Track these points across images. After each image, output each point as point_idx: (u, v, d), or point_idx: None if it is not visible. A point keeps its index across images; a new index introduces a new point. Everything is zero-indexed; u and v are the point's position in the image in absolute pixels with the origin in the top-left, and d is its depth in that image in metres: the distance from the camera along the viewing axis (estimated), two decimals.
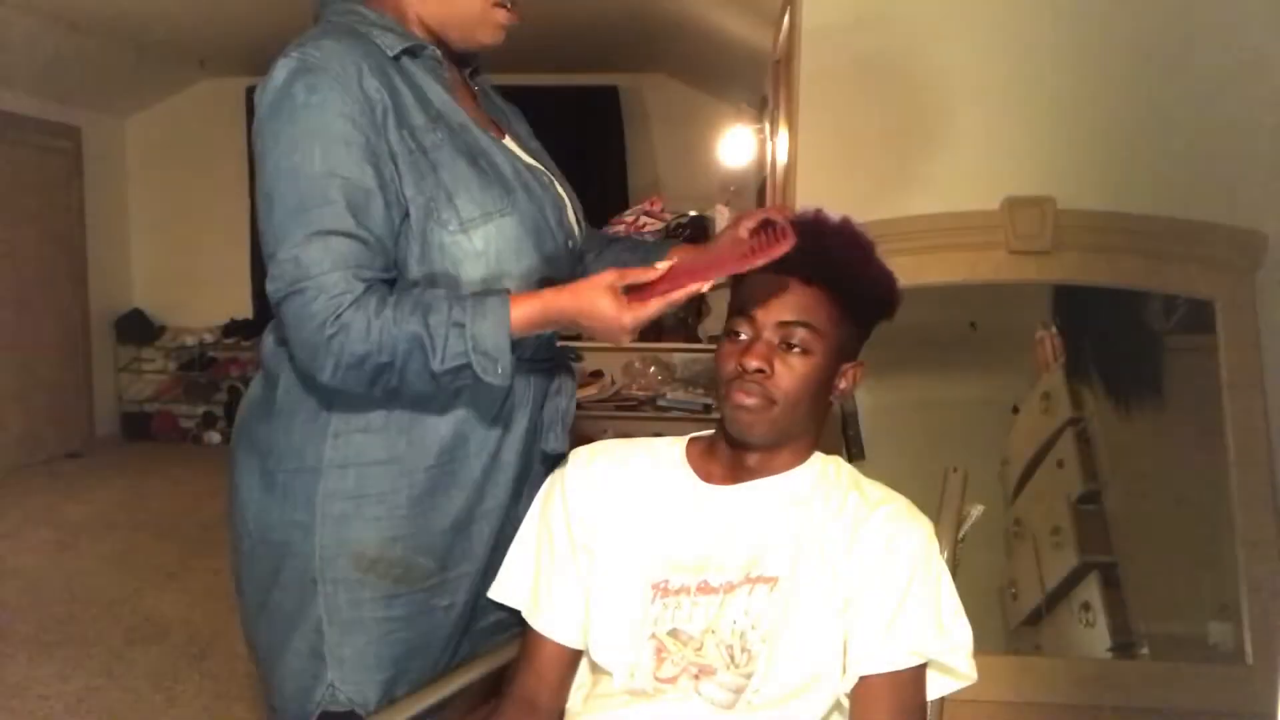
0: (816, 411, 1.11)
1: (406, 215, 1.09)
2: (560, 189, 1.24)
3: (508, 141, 1.22)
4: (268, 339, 1.19)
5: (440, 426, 1.14)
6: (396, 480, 1.13)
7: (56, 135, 5.39)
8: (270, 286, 1.04)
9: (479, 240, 1.10)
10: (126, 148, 6.00)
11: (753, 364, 1.05)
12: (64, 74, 5.02)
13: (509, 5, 1.17)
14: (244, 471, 1.18)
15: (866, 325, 1.14)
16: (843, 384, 1.12)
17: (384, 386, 1.05)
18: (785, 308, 1.07)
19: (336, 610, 1.13)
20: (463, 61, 1.24)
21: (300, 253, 1.02)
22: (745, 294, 1.10)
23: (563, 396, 1.24)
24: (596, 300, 1.04)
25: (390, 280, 1.08)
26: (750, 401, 1.06)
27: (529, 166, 1.20)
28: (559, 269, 1.20)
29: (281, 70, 1.05)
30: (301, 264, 1.02)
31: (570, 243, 1.23)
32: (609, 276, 1.05)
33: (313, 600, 1.13)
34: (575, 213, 1.27)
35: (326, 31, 1.09)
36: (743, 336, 1.09)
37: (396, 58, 1.11)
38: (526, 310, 1.05)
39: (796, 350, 1.06)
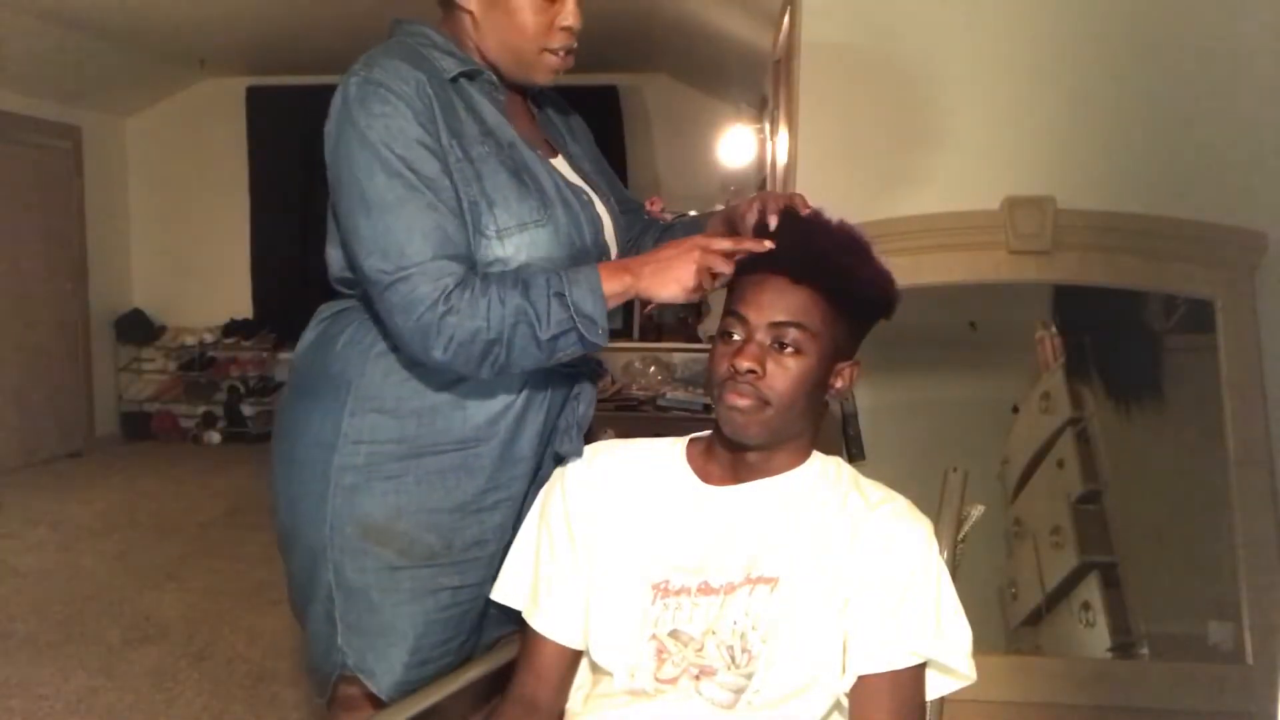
0: (812, 411, 1.11)
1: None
2: (601, 207, 1.30)
3: (558, 161, 1.29)
4: (308, 333, 1.28)
5: (454, 417, 1.20)
6: (405, 461, 1.19)
7: (56, 135, 5.39)
8: (375, 277, 1.12)
9: (510, 247, 1.17)
10: (126, 148, 6.01)
11: (745, 365, 1.05)
12: (64, 74, 5.02)
13: (561, 53, 1.23)
14: (275, 455, 1.27)
15: (862, 325, 1.13)
16: (838, 383, 1.11)
17: (493, 362, 1.12)
18: (777, 308, 1.06)
19: (343, 578, 1.19)
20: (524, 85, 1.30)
21: (404, 242, 1.10)
22: (738, 294, 1.10)
23: (581, 402, 1.29)
24: (663, 248, 1.15)
25: (474, 266, 1.15)
26: (743, 403, 1.06)
27: (570, 184, 1.25)
28: None
29: (352, 85, 1.14)
30: (407, 252, 1.10)
31: (604, 259, 1.27)
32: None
33: (324, 567, 1.20)
34: (615, 230, 1.33)
35: (390, 51, 1.17)
36: (735, 337, 1.08)
37: (454, 79, 1.19)
38: (611, 270, 1.15)
39: (789, 351, 1.06)
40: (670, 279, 1.13)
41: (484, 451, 1.21)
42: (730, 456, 1.12)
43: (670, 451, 1.17)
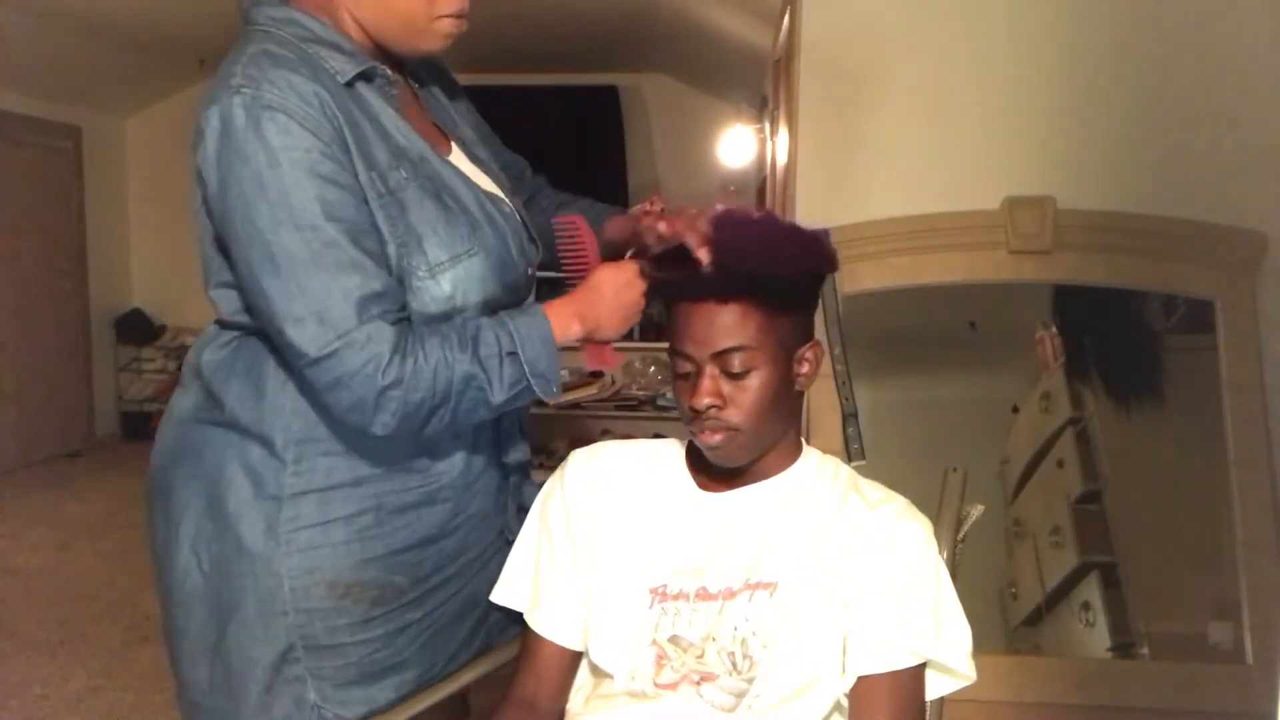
0: (786, 410, 1.09)
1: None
2: (513, 210, 1.20)
3: (454, 154, 1.18)
4: (205, 353, 1.14)
5: (405, 446, 1.10)
6: (363, 501, 1.09)
7: (56, 135, 5.39)
8: (297, 350, 0.99)
9: (447, 284, 1.07)
10: (126, 148, 6.01)
11: (704, 403, 1.03)
12: (64, 74, 5.02)
13: (457, 15, 1.09)
14: (183, 502, 1.12)
15: (803, 305, 1.09)
16: (804, 369, 1.08)
17: (437, 424, 1.03)
18: (714, 336, 1.02)
19: (312, 638, 1.09)
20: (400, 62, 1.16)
21: (323, 309, 0.97)
22: (674, 328, 1.06)
23: (515, 410, 1.20)
24: (600, 273, 1.10)
25: (408, 318, 1.05)
26: (716, 440, 1.05)
27: (490, 196, 1.16)
28: (519, 294, 1.19)
29: (238, 109, 0.97)
30: (329, 320, 0.97)
31: (530, 270, 1.21)
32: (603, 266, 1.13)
33: (281, 631, 1.08)
34: (531, 232, 1.24)
35: (271, 56, 1.01)
36: (688, 373, 1.06)
37: (350, 84, 1.05)
38: (560, 320, 1.09)
39: (741, 374, 1.03)
40: (624, 319, 1.11)
41: (446, 482, 1.14)
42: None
43: (670, 454, 1.17)
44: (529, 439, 1.30)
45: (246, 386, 1.09)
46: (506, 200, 1.19)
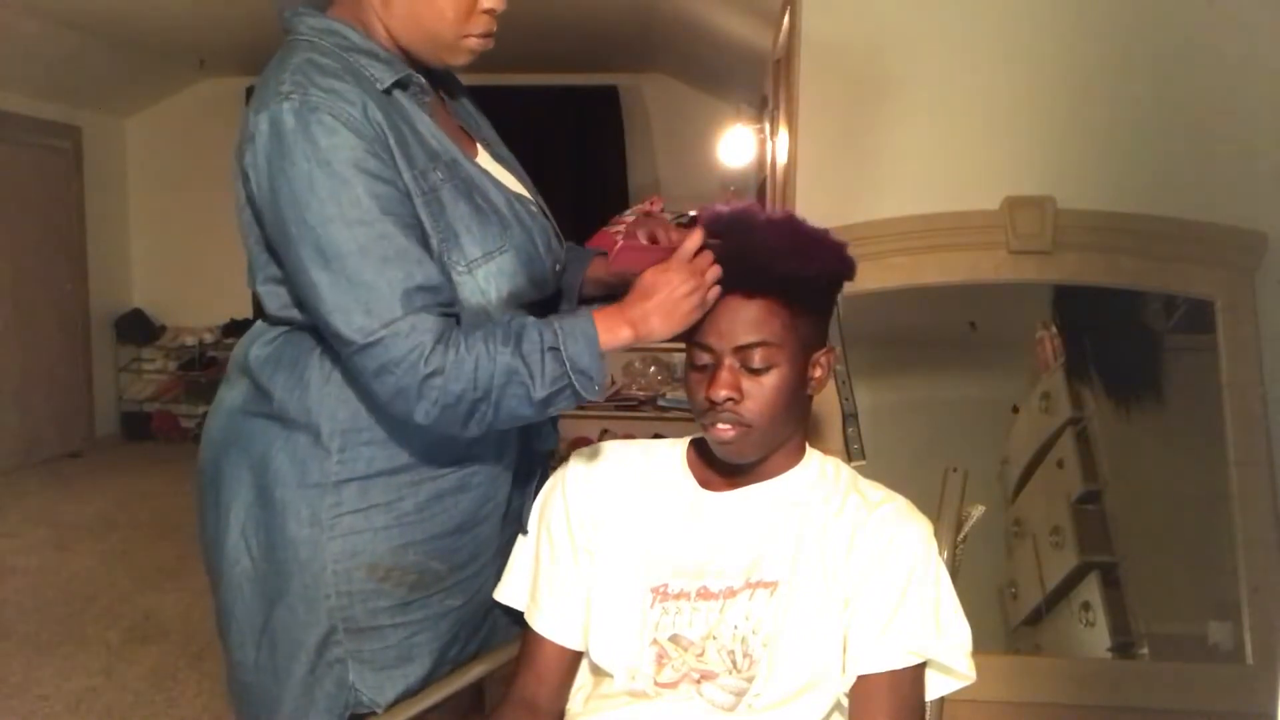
0: (798, 412, 1.10)
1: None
2: (544, 213, 1.25)
3: (481, 156, 1.22)
4: (253, 349, 1.18)
5: (442, 435, 1.12)
6: (402, 489, 1.13)
7: (56, 135, 5.39)
8: (344, 338, 1.03)
9: (481, 279, 1.11)
10: (126, 148, 6.01)
11: (721, 394, 1.04)
12: (64, 74, 5.02)
13: (482, 35, 1.14)
14: (233, 491, 1.16)
15: (825, 308, 1.11)
16: (818, 373, 1.10)
17: (480, 420, 1.05)
18: (737, 330, 1.05)
19: (353, 620, 1.13)
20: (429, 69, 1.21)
21: (370, 299, 1.01)
22: (697, 322, 1.08)
23: None
24: (658, 279, 1.07)
25: (458, 315, 1.08)
26: (729, 434, 1.06)
27: (518, 196, 1.20)
28: (545, 290, 1.22)
29: (287, 114, 1.02)
30: (375, 310, 1.01)
31: (556, 265, 1.25)
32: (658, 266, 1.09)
33: (324, 613, 1.13)
34: (556, 232, 1.27)
35: (317, 66, 1.06)
36: (705, 365, 1.07)
37: (387, 91, 1.09)
38: (608, 321, 1.08)
39: (760, 369, 1.05)
40: (679, 318, 1.07)
41: (479, 468, 1.17)
42: (727, 464, 1.12)
43: (670, 454, 1.17)
44: (558, 429, 1.32)
45: (293, 379, 1.13)
46: (532, 200, 1.24)
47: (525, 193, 1.24)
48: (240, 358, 1.20)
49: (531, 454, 1.26)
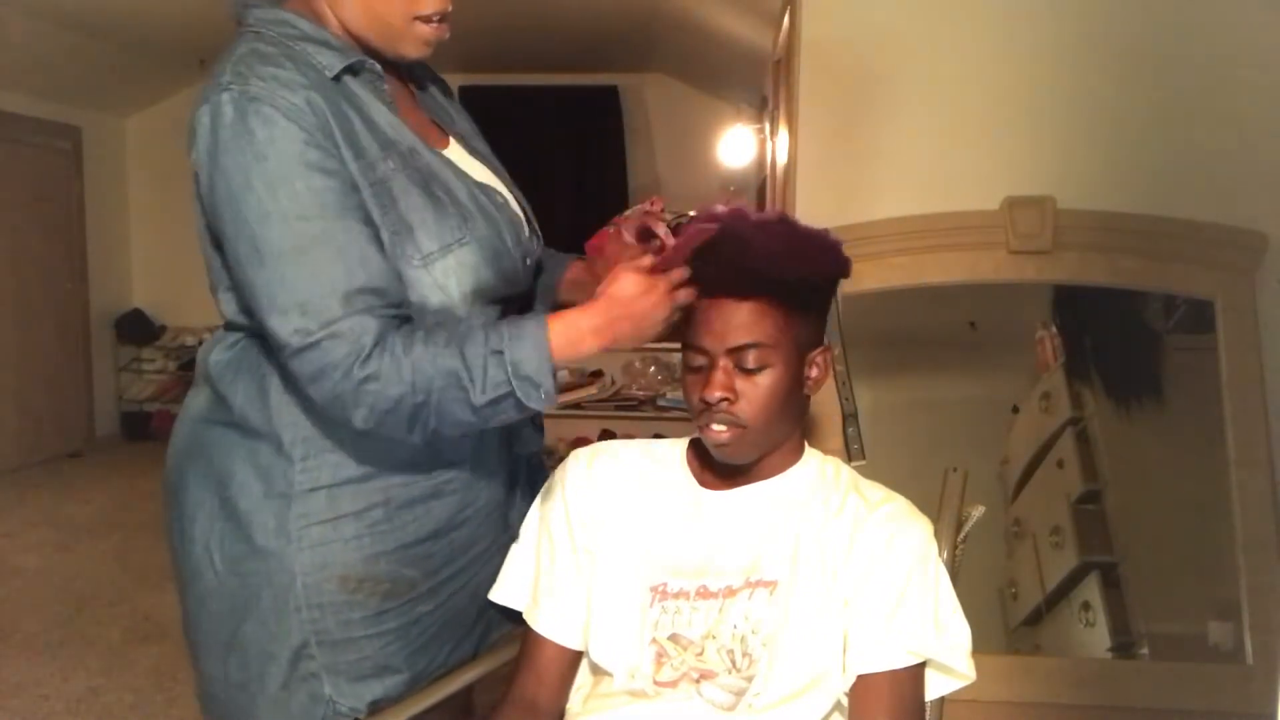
0: (794, 411, 1.10)
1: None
2: (515, 205, 1.20)
3: (452, 149, 1.18)
4: (213, 354, 1.15)
5: (415, 444, 1.09)
6: (371, 496, 1.09)
7: (56, 135, 5.40)
8: (280, 341, 0.99)
9: (439, 273, 1.06)
10: (126, 148, 6.01)
11: (715, 395, 1.04)
12: (64, 74, 5.02)
13: (435, 20, 1.09)
14: (196, 502, 1.13)
15: (820, 308, 1.11)
16: (814, 373, 1.10)
17: (423, 427, 1.01)
18: (731, 332, 1.04)
19: (325, 633, 1.10)
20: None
21: (306, 299, 0.97)
22: (690, 323, 1.07)
23: None
24: (624, 284, 1.03)
25: (406, 316, 1.04)
26: (724, 435, 1.05)
27: (482, 186, 1.15)
28: (517, 285, 1.18)
29: (225, 104, 0.98)
30: (311, 311, 0.97)
31: (528, 259, 1.20)
32: (624, 268, 1.05)
33: (295, 626, 1.09)
34: (531, 226, 1.23)
35: (260, 55, 1.02)
36: (700, 366, 1.07)
37: (337, 78, 1.05)
38: (569, 330, 1.02)
39: (755, 370, 1.04)
40: (648, 327, 1.04)
41: (454, 474, 1.14)
42: (725, 464, 1.12)
43: (670, 454, 1.17)
44: (542, 430, 1.29)
45: (252, 386, 1.10)
46: (501, 191, 1.19)
47: (497, 184, 1.19)
48: (202, 364, 1.17)
49: (514, 458, 1.23)
